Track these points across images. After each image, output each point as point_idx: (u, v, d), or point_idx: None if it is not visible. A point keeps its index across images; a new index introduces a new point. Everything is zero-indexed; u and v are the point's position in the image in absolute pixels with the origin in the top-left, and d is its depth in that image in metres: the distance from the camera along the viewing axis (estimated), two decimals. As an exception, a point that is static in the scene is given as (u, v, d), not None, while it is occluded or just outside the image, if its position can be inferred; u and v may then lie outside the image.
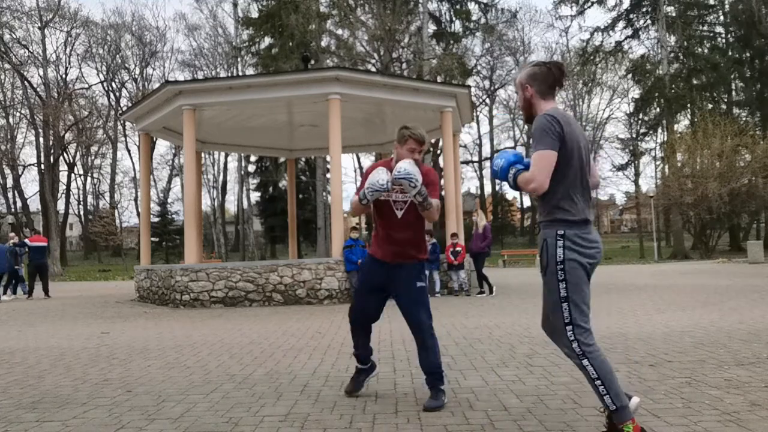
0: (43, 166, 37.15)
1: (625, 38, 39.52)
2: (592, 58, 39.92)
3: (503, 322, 7.31)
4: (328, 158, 25.74)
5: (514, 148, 50.42)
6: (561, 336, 2.76)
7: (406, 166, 3.37)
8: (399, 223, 3.61)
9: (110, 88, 44.80)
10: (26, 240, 15.77)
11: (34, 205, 43.54)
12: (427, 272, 12.08)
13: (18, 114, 40.65)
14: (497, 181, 3.22)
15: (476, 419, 3.21)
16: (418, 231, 3.67)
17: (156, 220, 40.06)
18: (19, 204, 42.24)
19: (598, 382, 2.66)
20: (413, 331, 3.69)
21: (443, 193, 12.72)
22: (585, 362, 2.69)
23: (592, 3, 39.26)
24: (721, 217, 29.26)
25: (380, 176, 3.41)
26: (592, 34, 39.89)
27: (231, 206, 51.33)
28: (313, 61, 20.50)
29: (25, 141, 42.29)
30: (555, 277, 2.73)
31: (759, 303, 8.44)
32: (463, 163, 40.49)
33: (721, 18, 39.53)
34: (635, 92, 41.27)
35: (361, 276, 3.98)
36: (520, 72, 2.95)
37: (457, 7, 35.02)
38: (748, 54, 37.92)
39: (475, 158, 49.75)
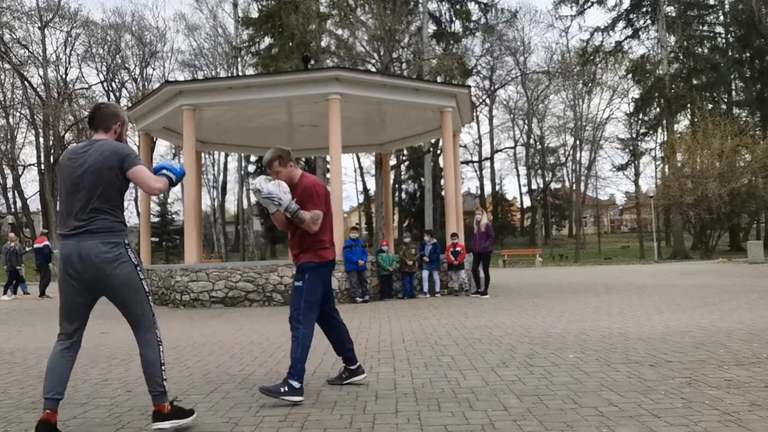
0: (43, 166, 37.18)
1: (625, 38, 39.58)
2: (592, 58, 39.93)
3: (503, 322, 7.31)
4: (328, 158, 25.74)
5: (513, 148, 50.51)
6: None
7: (265, 185, 3.75)
8: (295, 231, 3.94)
9: (110, 88, 44.71)
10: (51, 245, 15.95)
11: (34, 205, 43.55)
12: (426, 272, 11.96)
13: (18, 114, 40.65)
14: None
15: (476, 419, 3.21)
16: (298, 236, 3.92)
17: (156, 220, 40.05)
18: (19, 204, 42.23)
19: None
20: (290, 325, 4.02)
21: (442, 193, 12.59)
22: None
23: (592, 3, 39.30)
24: (721, 217, 29.27)
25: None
26: (592, 34, 39.98)
27: (231, 206, 51.29)
28: (313, 61, 20.49)
29: (25, 141, 42.28)
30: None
31: (759, 303, 8.44)
32: (463, 163, 40.49)
33: (721, 18, 39.55)
34: (635, 92, 41.34)
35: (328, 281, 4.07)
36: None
37: (457, 7, 35.03)
38: (748, 54, 37.93)
39: (475, 158, 49.73)
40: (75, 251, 3.05)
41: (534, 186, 50.44)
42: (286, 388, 3.60)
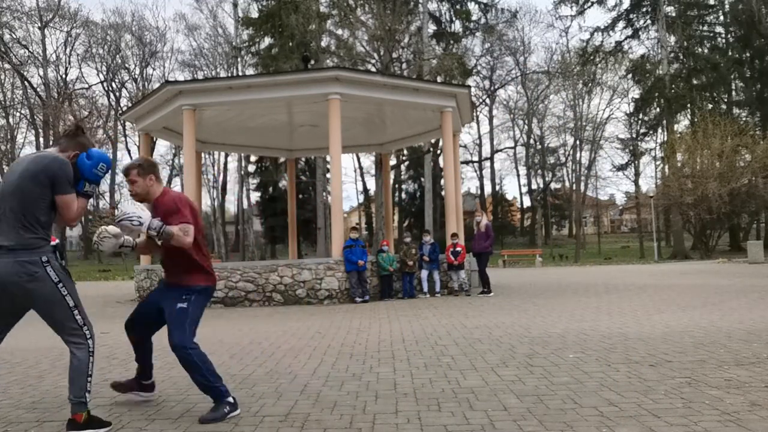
0: (43, 166, 37.04)
1: (625, 38, 39.55)
2: (592, 58, 39.91)
3: (503, 322, 7.31)
4: (328, 158, 25.75)
5: (513, 148, 50.51)
6: None
7: (123, 207, 3.42)
8: (164, 250, 3.60)
9: (110, 88, 44.76)
10: None
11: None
12: (426, 272, 11.99)
13: (18, 114, 40.67)
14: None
15: (476, 419, 3.21)
16: (177, 257, 3.57)
17: (156, 220, 39.95)
18: (18, 204, 42.18)
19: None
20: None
21: (442, 193, 12.58)
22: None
23: (592, 3, 39.27)
24: (721, 217, 29.25)
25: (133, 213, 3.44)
26: (592, 34, 39.95)
27: (231, 206, 51.23)
28: (313, 61, 20.49)
29: (25, 141, 42.29)
30: None
31: (759, 303, 8.44)
32: (463, 163, 40.48)
33: (721, 18, 39.53)
34: (635, 92, 41.31)
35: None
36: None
37: (457, 7, 35.02)
38: (748, 54, 37.91)
39: (475, 158, 49.74)
40: None
41: (534, 186, 50.49)
42: (227, 408, 3.41)
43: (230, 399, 3.46)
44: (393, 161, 28.61)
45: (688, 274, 15.86)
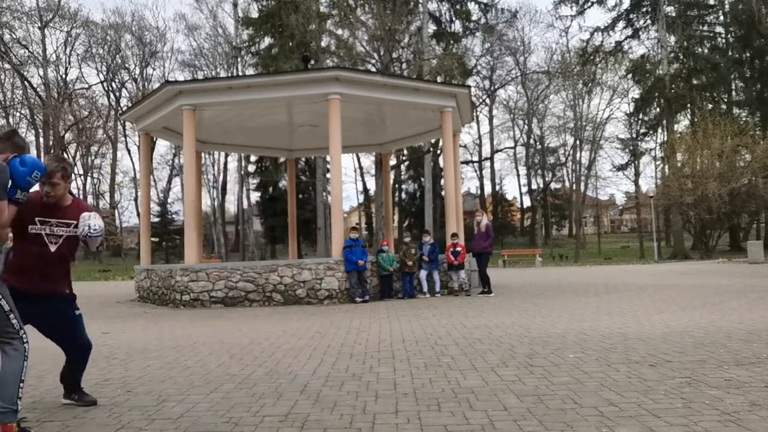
0: (43, 166, 37.08)
1: (625, 38, 39.54)
2: (592, 58, 39.90)
3: (503, 322, 7.31)
4: (328, 158, 25.74)
5: (513, 148, 50.50)
6: None
7: (92, 221, 3.41)
8: (51, 257, 3.49)
9: (110, 88, 44.75)
10: None
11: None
12: (425, 272, 12.00)
13: (18, 114, 40.67)
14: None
15: (476, 419, 3.21)
16: (63, 266, 3.60)
17: (156, 220, 40.02)
18: (18, 204, 42.13)
19: None
20: (79, 352, 3.79)
21: (442, 193, 12.63)
22: None
23: (592, 3, 39.26)
24: (721, 217, 29.24)
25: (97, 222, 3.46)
26: (592, 34, 39.91)
27: (231, 206, 51.21)
28: (313, 61, 20.49)
29: (25, 141, 42.22)
30: None
31: (759, 303, 8.44)
32: (463, 163, 40.47)
33: (721, 18, 39.53)
34: (635, 92, 41.30)
35: None
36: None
37: (457, 7, 35.01)
38: (748, 54, 37.91)
39: (475, 158, 49.73)
40: None
41: (534, 186, 50.50)
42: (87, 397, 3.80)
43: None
44: (393, 161, 28.60)
45: (688, 274, 15.86)
